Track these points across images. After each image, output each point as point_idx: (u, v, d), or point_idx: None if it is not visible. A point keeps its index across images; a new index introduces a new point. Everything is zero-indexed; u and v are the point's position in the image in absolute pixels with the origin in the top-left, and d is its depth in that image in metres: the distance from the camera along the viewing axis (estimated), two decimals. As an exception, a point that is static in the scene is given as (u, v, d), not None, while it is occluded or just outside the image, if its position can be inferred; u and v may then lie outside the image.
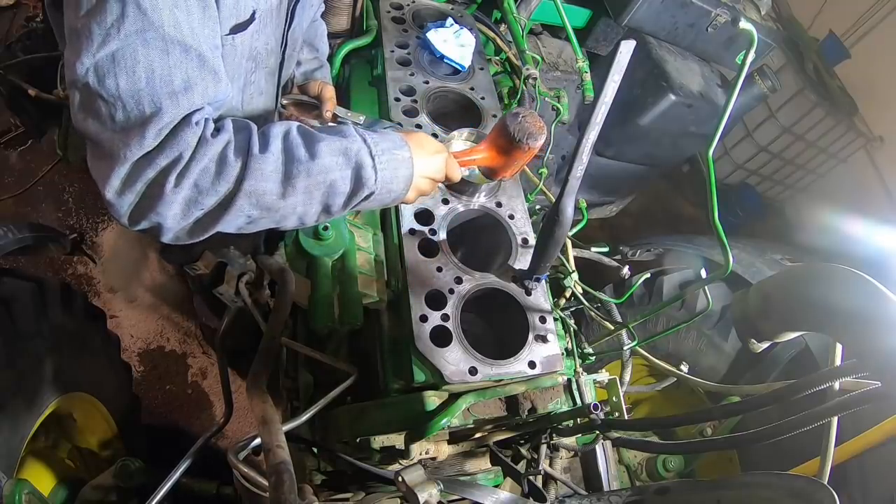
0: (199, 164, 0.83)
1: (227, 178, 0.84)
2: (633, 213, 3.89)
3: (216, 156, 0.84)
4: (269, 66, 1.17)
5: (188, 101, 0.83)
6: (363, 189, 0.96)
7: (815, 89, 3.72)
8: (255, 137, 0.89)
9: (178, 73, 0.82)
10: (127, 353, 2.55)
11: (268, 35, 1.12)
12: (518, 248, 1.27)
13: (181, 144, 0.81)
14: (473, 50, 1.64)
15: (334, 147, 0.93)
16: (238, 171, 0.85)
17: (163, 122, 0.80)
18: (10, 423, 1.34)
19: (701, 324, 2.08)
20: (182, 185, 0.82)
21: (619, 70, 0.88)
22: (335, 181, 0.93)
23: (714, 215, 1.01)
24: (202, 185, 0.84)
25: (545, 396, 1.28)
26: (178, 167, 0.81)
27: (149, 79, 0.80)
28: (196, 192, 0.84)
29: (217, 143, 0.85)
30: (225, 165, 0.84)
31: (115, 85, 0.78)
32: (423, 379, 1.11)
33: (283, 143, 0.90)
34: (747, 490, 0.99)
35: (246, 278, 1.38)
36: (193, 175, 0.82)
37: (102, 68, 0.78)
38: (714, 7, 2.51)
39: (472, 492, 1.15)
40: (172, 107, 0.81)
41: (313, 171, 0.90)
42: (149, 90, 0.80)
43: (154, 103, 0.80)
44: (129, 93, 0.79)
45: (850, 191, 4.03)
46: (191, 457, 1.05)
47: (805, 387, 0.91)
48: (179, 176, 0.82)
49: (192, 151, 0.82)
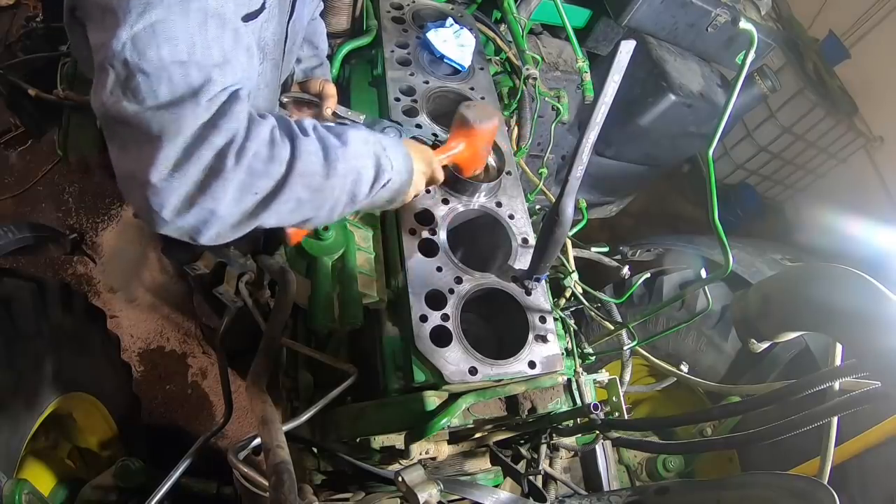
0: (253, 144, 0.78)
1: (279, 159, 0.81)
2: (633, 213, 3.89)
3: (267, 137, 0.81)
4: (275, 58, 1.18)
5: (231, 73, 0.79)
6: (383, 176, 0.99)
7: (815, 89, 3.72)
8: (292, 123, 0.89)
9: (216, 47, 0.78)
10: (127, 353, 2.55)
11: (276, 26, 1.12)
12: (518, 248, 1.27)
13: (235, 119, 0.77)
14: (473, 50, 1.63)
15: (357, 136, 0.97)
16: (289, 152, 0.83)
17: (213, 91, 0.75)
18: (10, 423, 1.34)
19: (701, 324, 2.08)
20: (242, 161, 0.77)
21: (619, 70, 0.88)
22: (363, 168, 0.96)
23: (714, 215, 1.01)
24: (256, 167, 0.79)
25: (545, 396, 1.28)
26: (236, 142, 0.77)
27: (190, 51, 0.75)
28: (249, 175, 0.79)
29: (266, 124, 0.82)
30: (275, 147, 0.81)
31: (157, 56, 0.73)
32: (423, 379, 1.11)
33: (315, 132, 0.91)
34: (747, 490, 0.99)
35: (246, 278, 1.38)
36: (249, 155, 0.78)
37: (142, 40, 0.72)
38: (714, 7, 2.51)
39: (472, 492, 1.15)
40: (221, 76, 0.77)
41: (348, 156, 0.92)
42: (194, 62, 0.75)
43: (203, 72, 0.75)
44: (174, 63, 0.73)
45: (850, 191, 4.03)
46: (190, 457, 1.05)
47: (805, 387, 0.91)
48: (239, 151, 0.77)
49: (246, 129, 0.78)
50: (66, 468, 1.68)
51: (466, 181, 1.30)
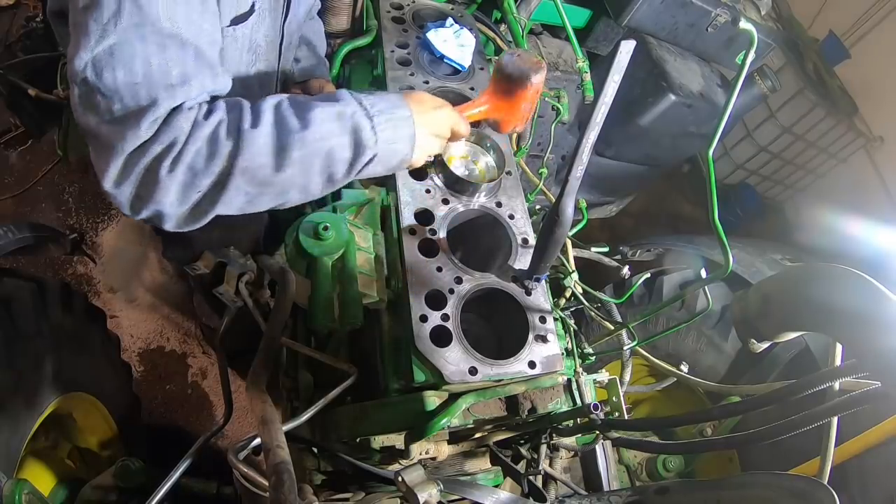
0: (192, 147, 0.83)
1: (219, 156, 0.84)
2: (633, 213, 3.89)
3: (208, 136, 0.84)
4: (268, 58, 1.18)
5: (184, 93, 0.84)
6: (365, 153, 0.94)
7: (815, 89, 3.71)
8: (247, 113, 0.88)
9: (174, 67, 0.83)
10: (127, 353, 2.55)
11: (267, 27, 1.12)
12: (518, 248, 1.27)
13: (175, 130, 0.82)
14: (473, 50, 1.63)
15: (328, 113, 0.92)
16: (230, 149, 0.85)
17: (158, 112, 0.81)
18: (10, 423, 1.34)
19: (701, 324, 2.08)
20: (176, 169, 0.82)
21: (619, 70, 0.88)
22: (333, 148, 0.91)
23: (714, 215, 1.01)
24: (196, 166, 0.84)
25: (545, 396, 1.28)
26: (172, 152, 0.82)
27: (146, 72, 0.80)
28: (191, 174, 0.84)
29: (209, 125, 0.85)
30: (217, 144, 0.84)
31: (112, 78, 0.79)
32: (423, 379, 1.11)
33: (274, 116, 0.89)
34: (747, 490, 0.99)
35: (246, 278, 1.38)
36: (188, 158, 0.83)
37: (100, 62, 0.79)
38: (714, 7, 2.51)
39: (472, 492, 1.15)
40: (168, 98, 0.82)
41: (308, 140, 0.89)
42: (146, 83, 0.80)
43: (150, 95, 0.80)
44: (126, 86, 0.79)
45: (850, 191, 4.03)
46: (191, 457, 1.05)
47: (805, 387, 0.91)
48: (174, 161, 0.82)
49: (187, 136, 0.83)
50: (66, 468, 1.68)
51: (466, 181, 1.30)
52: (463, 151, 1.42)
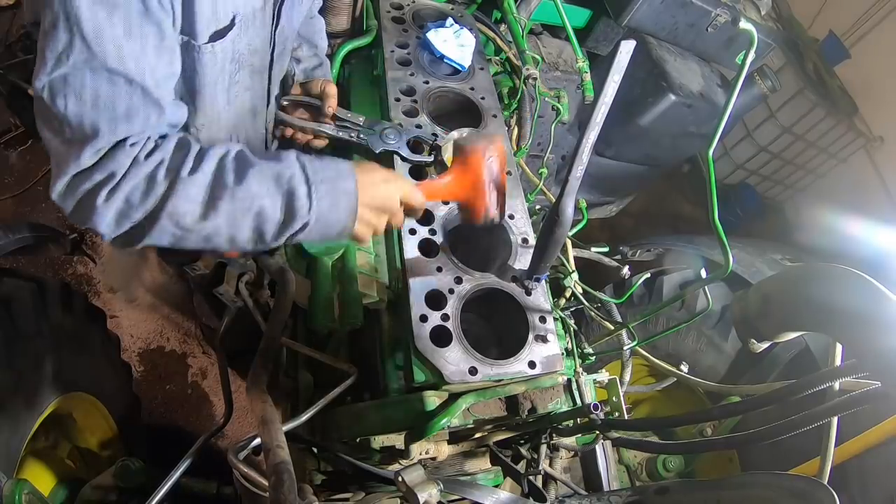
0: (129, 183, 0.87)
1: (153, 196, 0.88)
2: (633, 213, 3.89)
3: (146, 175, 0.88)
4: (253, 64, 1.17)
5: (127, 127, 0.88)
6: (297, 218, 0.94)
7: (815, 89, 3.72)
8: (190, 159, 0.91)
9: (121, 102, 0.87)
10: (127, 353, 2.55)
11: (251, 36, 1.12)
12: (518, 248, 1.27)
13: (114, 164, 0.86)
14: (473, 50, 1.63)
15: (266, 172, 0.93)
16: (164, 191, 0.88)
17: (99, 144, 0.85)
18: (10, 423, 1.34)
19: (701, 324, 2.08)
20: (112, 200, 0.87)
21: (619, 70, 0.88)
22: (263, 207, 0.93)
23: (714, 215, 1.01)
24: (132, 200, 0.88)
25: (545, 396, 1.28)
26: (109, 184, 0.87)
27: (94, 103, 0.85)
28: (127, 206, 0.88)
29: (149, 164, 0.89)
30: (154, 184, 0.88)
31: (63, 105, 0.84)
32: (423, 379, 1.11)
33: (215, 166, 0.92)
34: (747, 490, 0.99)
35: (246, 278, 1.38)
36: (124, 192, 0.87)
37: (55, 88, 0.83)
38: (714, 7, 2.51)
39: (472, 492, 1.15)
40: (109, 132, 0.86)
41: (238, 196, 0.91)
42: (92, 114, 0.85)
43: (93, 126, 0.85)
44: (74, 114, 0.84)
45: (850, 191, 4.03)
46: (190, 457, 1.05)
47: (805, 387, 0.91)
48: (110, 192, 0.87)
49: (125, 171, 0.87)
50: (66, 468, 1.68)
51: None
52: (463, 151, 1.42)
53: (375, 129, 1.36)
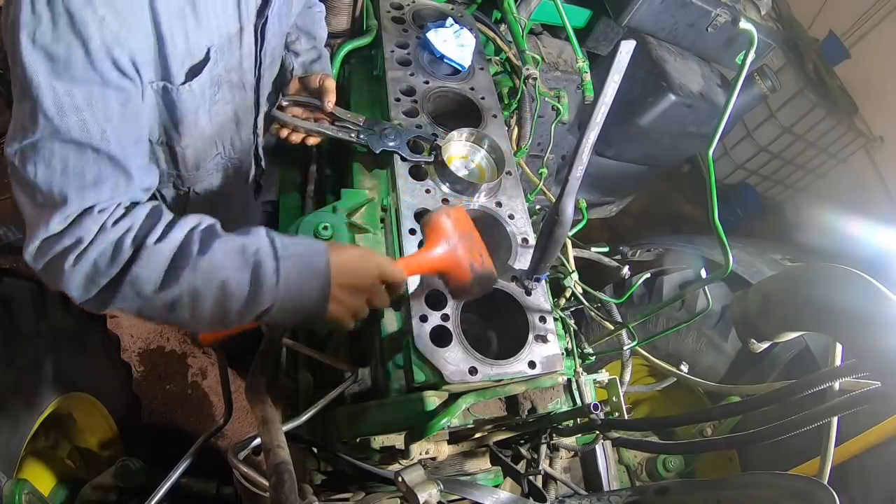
0: (96, 249, 0.88)
1: (118, 262, 0.88)
2: (633, 213, 3.89)
3: (113, 241, 0.88)
4: (231, 80, 1.17)
5: (95, 195, 0.88)
6: (262, 294, 0.90)
7: (815, 89, 3.72)
8: (158, 228, 0.91)
9: (89, 170, 0.88)
10: (127, 353, 2.55)
11: (227, 59, 1.12)
12: (518, 248, 1.27)
13: (81, 230, 0.87)
14: (473, 50, 1.63)
15: (232, 245, 0.91)
16: (128, 257, 0.88)
17: (68, 211, 0.86)
18: (10, 423, 1.34)
19: (701, 324, 2.08)
20: (79, 265, 0.87)
21: (619, 70, 0.88)
22: (227, 281, 0.89)
23: (714, 215, 1.01)
24: (100, 265, 0.88)
25: (545, 396, 1.28)
26: (77, 249, 0.87)
27: (63, 171, 0.86)
28: (94, 270, 0.88)
29: (116, 231, 0.89)
30: (119, 251, 0.88)
31: (34, 172, 0.85)
32: (423, 379, 1.11)
33: (183, 237, 0.91)
34: (747, 490, 0.99)
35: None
36: (91, 257, 0.88)
37: (26, 155, 0.85)
38: (714, 7, 2.51)
39: (472, 492, 1.15)
40: (78, 199, 0.87)
41: (200, 267, 0.89)
42: (61, 181, 0.86)
43: (62, 194, 0.86)
44: (44, 181, 0.85)
45: (850, 191, 4.03)
46: (190, 456, 1.05)
47: (805, 387, 0.91)
48: (77, 257, 0.87)
49: (92, 237, 0.87)
50: (66, 468, 1.68)
51: (466, 181, 1.30)
52: (463, 151, 1.42)
53: (375, 130, 1.36)
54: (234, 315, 0.93)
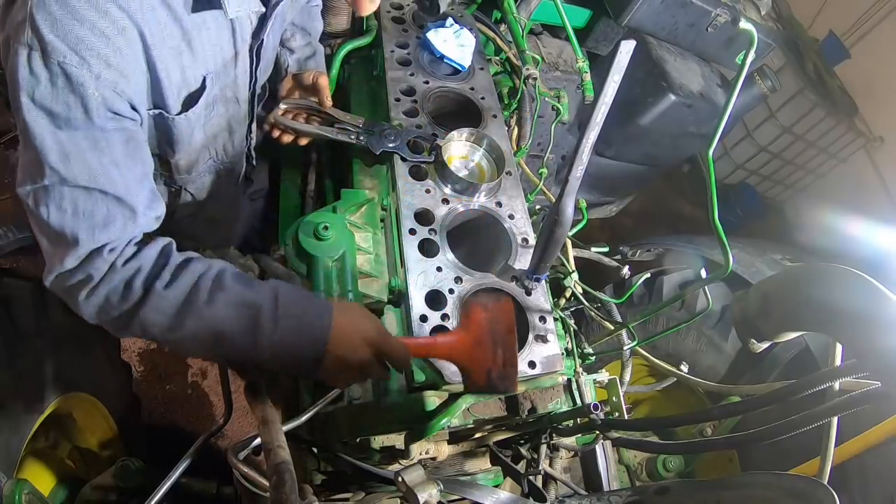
0: (106, 287, 0.93)
1: (128, 301, 0.93)
2: (633, 213, 3.89)
3: (124, 280, 0.93)
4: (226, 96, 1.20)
5: (106, 235, 0.92)
6: (257, 349, 0.93)
7: (815, 89, 3.71)
8: (167, 272, 0.94)
9: (99, 210, 0.91)
10: (127, 352, 2.55)
11: (223, 81, 1.15)
12: (518, 248, 1.27)
13: (91, 269, 0.92)
14: (473, 50, 1.63)
15: (237, 299, 0.94)
16: (139, 298, 0.92)
17: (79, 252, 0.91)
18: (10, 423, 1.34)
19: (701, 324, 2.08)
20: (91, 298, 0.93)
21: (619, 70, 0.88)
22: (223, 333, 0.93)
23: (714, 215, 1.01)
24: (111, 300, 0.93)
25: (545, 396, 1.28)
26: (88, 285, 0.92)
27: (74, 213, 0.90)
28: (107, 303, 0.94)
29: (126, 270, 0.93)
30: (130, 291, 0.93)
31: (46, 213, 0.90)
32: (423, 379, 1.11)
33: (191, 283, 0.94)
34: (747, 490, 0.99)
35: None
36: (103, 293, 0.93)
37: (38, 197, 0.90)
38: (714, 7, 2.51)
39: (472, 492, 1.15)
40: (89, 240, 0.91)
41: (204, 317, 0.93)
42: (72, 223, 0.90)
43: (74, 235, 0.90)
44: (56, 223, 0.90)
45: (850, 191, 4.03)
46: (190, 456, 1.05)
47: (805, 387, 0.91)
48: (89, 293, 0.93)
49: (102, 276, 0.92)
50: (66, 468, 1.68)
51: (466, 181, 1.30)
52: (463, 151, 1.42)
53: (375, 130, 1.36)
54: (232, 359, 1.02)
